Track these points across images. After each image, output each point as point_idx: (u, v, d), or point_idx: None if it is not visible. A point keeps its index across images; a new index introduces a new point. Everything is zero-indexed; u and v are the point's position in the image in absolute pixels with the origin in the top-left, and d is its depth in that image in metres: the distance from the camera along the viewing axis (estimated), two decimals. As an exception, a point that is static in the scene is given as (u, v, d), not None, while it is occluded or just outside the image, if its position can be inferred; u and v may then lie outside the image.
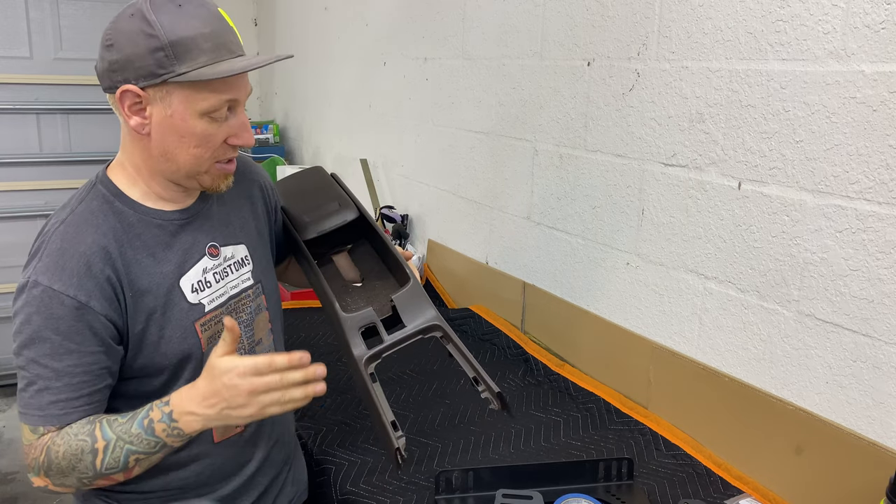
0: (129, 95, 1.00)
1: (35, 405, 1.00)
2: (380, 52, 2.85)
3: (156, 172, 1.06)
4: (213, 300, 1.11)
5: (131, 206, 1.06)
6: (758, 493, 1.33)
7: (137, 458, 0.99)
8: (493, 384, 1.13)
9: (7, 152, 3.69)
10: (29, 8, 3.63)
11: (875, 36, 1.14)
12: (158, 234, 1.07)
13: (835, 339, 1.24)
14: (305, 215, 1.30)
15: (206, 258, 1.12)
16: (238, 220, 1.20)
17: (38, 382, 0.99)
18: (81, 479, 1.00)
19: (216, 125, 1.02)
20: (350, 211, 1.30)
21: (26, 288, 1.00)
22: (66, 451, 0.99)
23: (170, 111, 0.99)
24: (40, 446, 1.01)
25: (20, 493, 2.94)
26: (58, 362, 0.99)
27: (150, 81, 0.97)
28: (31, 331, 0.99)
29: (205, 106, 0.99)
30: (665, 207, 1.56)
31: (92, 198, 1.06)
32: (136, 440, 0.99)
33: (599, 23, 1.69)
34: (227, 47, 1.00)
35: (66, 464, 0.99)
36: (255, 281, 1.19)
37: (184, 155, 1.03)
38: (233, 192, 1.18)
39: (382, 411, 1.09)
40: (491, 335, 2.05)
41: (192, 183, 1.07)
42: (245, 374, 0.95)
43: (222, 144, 1.04)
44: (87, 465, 0.99)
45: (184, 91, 0.98)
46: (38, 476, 1.02)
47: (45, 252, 1.01)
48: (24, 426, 1.02)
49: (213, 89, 0.99)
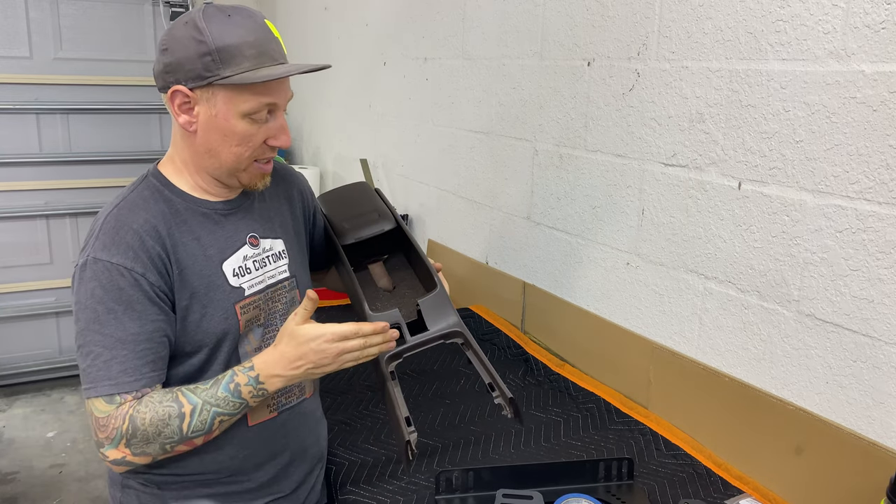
0: (178, 95, 1.08)
1: (105, 376, 1.05)
2: (380, 52, 2.85)
3: (201, 168, 1.15)
4: (252, 286, 1.19)
5: (179, 196, 1.15)
6: (758, 493, 1.33)
7: (222, 419, 1.09)
8: (508, 391, 1.19)
9: (7, 152, 3.69)
10: (29, 8, 3.63)
11: (875, 36, 1.14)
12: (203, 221, 1.15)
13: (835, 339, 1.24)
14: (346, 222, 1.37)
15: (247, 247, 1.20)
16: (277, 217, 1.28)
17: (105, 354, 1.05)
18: (164, 446, 1.06)
19: (256, 126, 1.10)
20: (388, 221, 1.36)
21: (87, 265, 1.06)
22: (153, 417, 1.04)
23: (214, 111, 1.08)
24: (121, 416, 1.04)
25: (20, 492, 2.94)
26: (122, 331, 1.05)
27: (198, 83, 1.06)
28: (96, 304, 1.05)
29: (246, 108, 1.07)
30: (665, 207, 1.56)
31: (144, 187, 1.14)
32: (222, 402, 1.08)
33: (599, 23, 1.69)
34: (270, 55, 1.08)
35: (153, 430, 1.04)
36: (291, 274, 1.26)
37: (226, 152, 1.11)
38: (273, 192, 1.28)
39: (398, 407, 1.15)
40: (491, 335, 2.05)
41: (233, 180, 1.15)
42: (333, 340, 1.07)
43: (261, 145, 1.12)
44: (173, 430, 1.05)
45: (227, 93, 1.06)
46: (115, 448, 1.05)
47: (100, 232, 1.08)
48: (96, 400, 1.05)
49: (254, 92, 1.07)
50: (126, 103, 3.91)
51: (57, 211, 3.83)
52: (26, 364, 3.87)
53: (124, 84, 3.89)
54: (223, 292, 1.14)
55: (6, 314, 3.80)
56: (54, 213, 3.83)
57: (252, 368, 1.09)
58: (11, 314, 3.81)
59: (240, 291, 1.16)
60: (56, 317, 3.93)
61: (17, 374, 3.85)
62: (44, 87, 3.73)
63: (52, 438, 3.36)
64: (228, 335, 1.15)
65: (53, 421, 3.53)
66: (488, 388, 1.21)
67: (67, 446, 3.29)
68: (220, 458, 1.18)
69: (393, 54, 2.75)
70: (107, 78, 3.86)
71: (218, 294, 1.14)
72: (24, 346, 3.87)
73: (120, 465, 1.07)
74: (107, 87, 3.88)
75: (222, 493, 1.20)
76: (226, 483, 1.20)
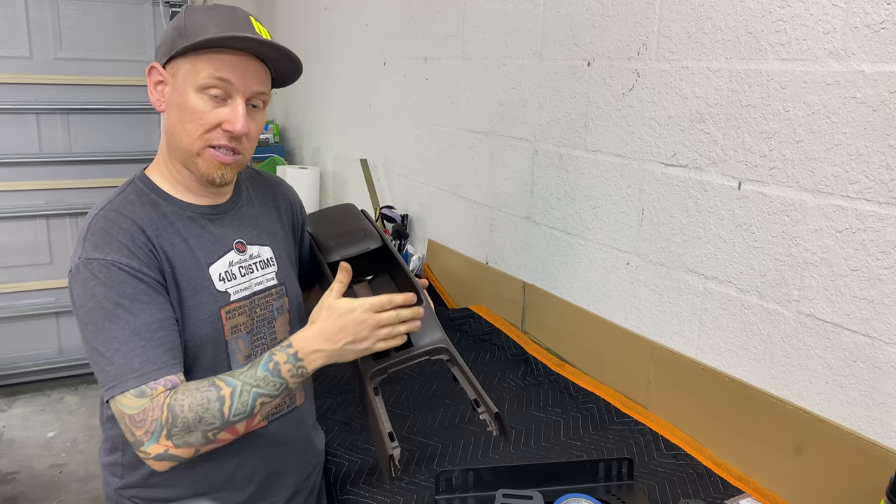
0: (154, 72, 1.11)
1: (128, 370, 1.01)
2: (380, 52, 2.85)
3: (172, 156, 1.14)
4: (238, 291, 1.17)
5: (165, 199, 1.14)
6: (758, 493, 1.33)
7: (263, 401, 1.05)
8: (493, 406, 1.18)
9: (7, 152, 3.69)
10: (29, 8, 3.63)
11: (875, 36, 1.14)
12: (190, 224, 1.14)
13: (835, 339, 1.24)
14: (331, 240, 1.37)
15: (233, 252, 1.18)
16: (266, 225, 1.26)
17: (122, 349, 1.01)
18: (206, 434, 1.02)
19: (210, 105, 1.08)
20: (373, 240, 1.36)
21: (80, 268, 1.05)
22: (192, 403, 1.01)
23: (176, 85, 1.08)
24: (158, 406, 1.00)
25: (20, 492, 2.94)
26: (135, 322, 1.02)
27: (166, 58, 1.09)
28: (100, 302, 1.02)
29: (200, 80, 1.06)
30: (665, 207, 1.56)
31: (130, 191, 1.13)
32: (262, 383, 1.04)
33: (599, 23, 1.69)
34: (238, 31, 1.07)
35: (193, 416, 1.00)
36: (280, 282, 1.24)
37: (180, 131, 1.10)
38: (262, 201, 1.28)
39: (382, 422, 1.14)
40: (491, 335, 2.05)
41: (192, 169, 1.12)
42: (370, 309, 1.07)
43: (216, 129, 1.09)
44: (214, 414, 1.01)
45: (187, 65, 1.07)
46: (156, 442, 1.00)
47: (90, 234, 1.07)
48: (124, 397, 1.01)
49: (208, 65, 1.06)
50: (126, 103, 3.91)
51: (57, 211, 3.83)
52: (26, 364, 3.87)
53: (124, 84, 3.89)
54: (209, 295, 1.13)
55: (6, 314, 3.80)
56: (54, 213, 3.83)
57: (290, 346, 1.07)
58: (11, 314, 3.81)
59: (225, 296, 1.14)
60: (56, 317, 3.93)
61: (17, 374, 3.85)
62: (44, 87, 3.73)
63: (52, 438, 3.36)
64: (212, 340, 1.13)
65: (53, 421, 3.53)
66: (473, 404, 1.20)
67: (67, 446, 3.29)
68: (211, 467, 1.17)
69: (393, 54, 2.75)
70: (107, 78, 3.87)
71: (204, 296, 1.12)
72: (24, 346, 3.87)
73: (163, 460, 1.02)
74: (107, 87, 3.88)
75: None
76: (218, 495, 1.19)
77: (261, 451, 1.22)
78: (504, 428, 1.18)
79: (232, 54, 1.07)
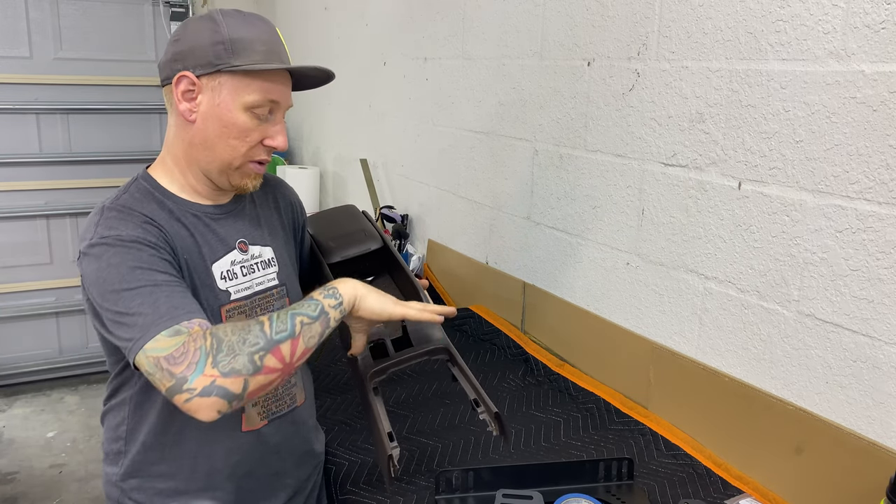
0: (184, 81, 1.09)
1: (156, 315, 0.97)
2: (380, 52, 2.85)
3: (192, 162, 1.14)
4: (238, 290, 1.17)
5: (170, 198, 1.14)
6: (758, 493, 1.33)
7: (302, 320, 1.01)
8: (493, 405, 1.17)
9: (7, 152, 3.69)
10: (29, 8, 3.63)
11: (875, 36, 1.14)
12: (194, 222, 1.15)
13: (835, 339, 1.24)
14: (332, 241, 1.37)
15: (236, 251, 1.19)
16: (268, 225, 1.27)
17: (146, 301, 0.98)
18: (253, 357, 0.96)
19: (256, 122, 1.10)
20: (374, 241, 1.37)
21: (94, 245, 1.03)
22: (233, 328, 0.98)
23: (218, 100, 1.08)
24: (200, 334, 0.96)
25: (20, 492, 2.94)
26: (157, 276, 1.01)
27: (206, 70, 1.07)
28: (116, 269, 1.00)
29: (250, 100, 1.08)
30: (665, 207, 1.56)
31: (134, 190, 1.13)
32: (297, 306, 1.04)
33: (599, 23, 1.69)
34: (279, 56, 1.11)
35: (236, 337, 0.96)
36: (281, 283, 1.24)
37: (222, 145, 1.10)
38: (264, 201, 1.29)
39: (381, 422, 1.14)
40: (491, 335, 2.05)
41: (223, 179, 1.14)
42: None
43: (258, 144, 1.12)
44: (256, 334, 0.97)
45: (234, 83, 1.08)
46: (201, 373, 0.93)
47: (103, 219, 1.06)
48: (157, 340, 0.95)
49: (259, 86, 1.09)
50: (126, 103, 3.91)
51: (57, 211, 3.83)
52: (26, 364, 3.87)
53: (124, 84, 3.89)
54: (211, 292, 1.13)
55: (6, 314, 3.80)
56: (54, 213, 3.83)
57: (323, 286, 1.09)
58: (11, 314, 3.81)
59: (226, 295, 1.15)
60: (56, 317, 3.94)
61: (17, 374, 3.86)
62: (44, 87, 3.74)
63: (52, 438, 3.36)
64: None
65: (53, 421, 3.53)
66: (473, 404, 1.20)
67: (67, 446, 3.29)
68: (213, 462, 1.17)
69: (393, 54, 2.75)
70: (107, 78, 3.87)
71: (206, 293, 1.13)
72: (24, 346, 3.88)
73: (210, 394, 0.93)
74: (107, 87, 3.88)
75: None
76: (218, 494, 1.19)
77: (261, 450, 1.22)
78: (504, 428, 1.18)
79: (279, 75, 1.11)
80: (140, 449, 1.17)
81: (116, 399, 1.19)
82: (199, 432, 1.15)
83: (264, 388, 0.98)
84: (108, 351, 1.15)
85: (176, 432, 1.15)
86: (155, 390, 1.13)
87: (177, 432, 1.15)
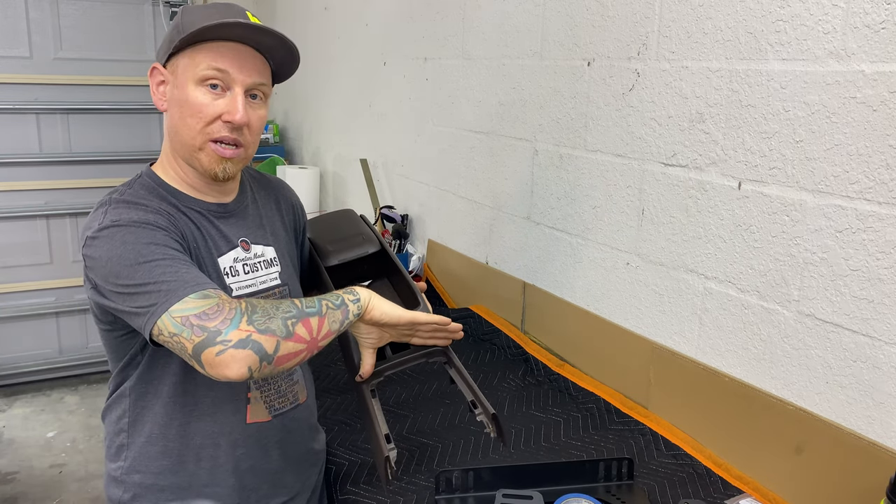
0: (156, 73, 1.12)
1: (181, 282, 0.97)
2: (380, 52, 2.85)
3: (176, 154, 1.14)
4: (240, 288, 1.17)
5: (174, 194, 1.14)
6: (758, 493, 1.33)
7: (328, 304, 1.04)
8: (490, 407, 1.18)
9: (7, 152, 3.69)
10: (29, 8, 3.63)
11: (875, 36, 1.14)
12: (198, 217, 1.15)
13: (835, 339, 1.24)
14: (330, 245, 1.38)
15: (239, 249, 1.19)
16: (270, 226, 1.27)
17: (168, 270, 0.98)
18: (286, 322, 0.98)
19: (210, 97, 1.08)
20: (372, 245, 1.37)
21: (103, 229, 1.02)
22: (264, 300, 1.02)
23: (176, 83, 1.09)
24: (233, 301, 0.97)
25: (20, 492, 2.94)
26: (173, 251, 1.01)
27: (165, 56, 1.10)
28: (132, 246, 0.99)
29: (199, 73, 1.07)
30: (665, 207, 1.56)
31: (139, 186, 1.14)
32: (319, 296, 1.06)
33: (599, 23, 1.69)
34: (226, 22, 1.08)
35: (269, 304, 0.99)
36: (283, 282, 1.25)
37: (183, 127, 1.09)
38: (268, 202, 1.30)
39: (378, 424, 1.14)
40: (491, 335, 2.05)
41: (197, 165, 1.12)
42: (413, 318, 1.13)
43: (217, 121, 1.09)
44: (288, 306, 1.01)
45: (186, 61, 1.08)
46: (236, 328, 0.93)
47: (111, 209, 1.05)
48: (182, 303, 0.95)
49: (206, 56, 1.07)
50: (126, 103, 3.91)
51: (57, 211, 3.83)
52: (26, 364, 3.87)
53: (124, 84, 3.90)
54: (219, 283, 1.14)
55: (6, 314, 3.80)
56: (54, 213, 3.83)
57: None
58: (11, 314, 3.81)
59: (228, 291, 1.16)
60: (56, 317, 3.94)
61: (17, 374, 3.86)
62: (44, 87, 3.74)
63: (52, 438, 3.36)
64: None
65: (53, 421, 3.53)
66: (470, 405, 1.21)
67: (67, 446, 3.29)
68: (216, 456, 1.18)
69: (393, 54, 2.75)
70: (107, 78, 3.87)
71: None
72: (24, 346, 3.88)
73: (245, 346, 0.93)
74: (107, 87, 3.88)
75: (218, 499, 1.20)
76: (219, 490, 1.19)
77: (264, 445, 1.22)
78: (501, 430, 1.18)
79: (229, 44, 1.08)
80: (144, 441, 1.16)
81: (117, 393, 1.19)
82: (204, 424, 1.16)
83: (293, 357, 0.98)
84: (109, 349, 1.15)
85: (181, 424, 1.15)
86: (158, 381, 1.13)
87: (182, 424, 1.15)
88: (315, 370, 1.79)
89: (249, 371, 0.94)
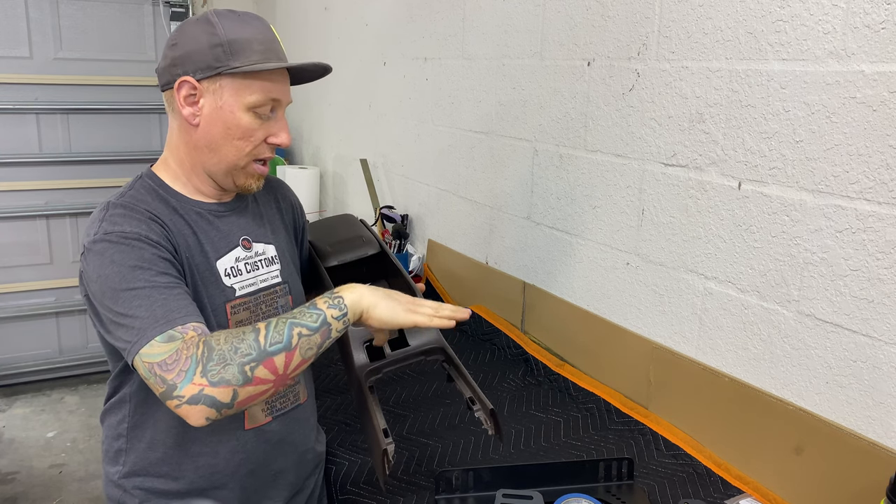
0: (186, 86, 1.09)
1: (152, 319, 0.97)
2: (380, 52, 2.85)
3: (197, 164, 1.15)
4: (243, 287, 1.18)
5: (174, 196, 1.15)
6: (758, 493, 1.33)
7: (300, 332, 0.99)
8: (488, 402, 1.18)
9: (7, 152, 3.69)
10: (29, 8, 3.64)
11: (875, 36, 1.14)
12: (198, 219, 1.16)
13: (835, 339, 1.24)
14: (329, 246, 1.39)
15: (240, 248, 1.20)
16: (270, 224, 1.28)
17: (143, 304, 0.98)
18: (244, 368, 0.94)
19: (259, 122, 1.11)
20: (371, 247, 1.38)
21: (97, 241, 1.03)
22: (227, 336, 0.96)
23: (220, 103, 1.09)
24: (192, 342, 0.95)
25: (20, 492, 2.94)
26: (155, 280, 1.01)
27: (206, 74, 1.08)
28: (117, 268, 1.01)
29: (252, 100, 1.09)
30: (665, 207, 1.56)
31: (139, 187, 1.15)
32: (297, 314, 1.01)
33: (599, 23, 1.69)
34: (277, 53, 1.13)
35: (228, 346, 0.94)
36: (284, 280, 1.26)
37: (227, 146, 1.12)
38: (266, 200, 1.30)
39: (375, 418, 1.15)
40: (491, 335, 2.05)
41: (228, 181, 1.15)
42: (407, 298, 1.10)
43: (262, 143, 1.13)
44: (249, 344, 0.95)
45: (235, 85, 1.09)
46: (190, 382, 0.92)
47: (107, 215, 1.07)
48: (151, 345, 0.96)
49: (260, 86, 1.10)
50: (126, 103, 3.91)
51: (57, 211, 3.83)
52: (26, 364, 3.87)
53: (124, 84, 3.90)
54: (216, 289, 1.15)
55: (6, 314, 3.80)
56: (54, 213, 3.83)
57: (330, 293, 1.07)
58: (11, 314, 3.82)
59: (231, 291, 1.16)
60: (56, 317, 3.94)
61: (17, 374, 3.86)
62: (44, 87, 3.74)
63: (52, 438, 3.36)
64: None
65: (53, 421, 3.53)
66: (468, 402, 1.21)
67: (67, 446, 3.29)
68: (216, 462, 1.18)
69: (393, 54, 2.75)
70: (107, 78, 3.87)
71: (211, 290, 1.14)
72: (24, 346, 3.88)
73: (198, 402, 0.92)
74: (107, 87, 3.89)
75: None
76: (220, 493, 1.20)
77: (264, 447, 1.22)
78: (498, 425, 1.18)
79: (279, 73, 1.12)
80: (144, 447, 1.17)
81: (117, 397, 1.19)
82: (202, 433, 1.16)
83: (256, 398, 0.97)
84: (108, 350, 1.15)
85: (180, 432, 1.16)
86: (145, 402, 1.15)
87: (181, 432, 1.16)
88: (315, 370, 1.79)
89: (208, 420, 0.94)
